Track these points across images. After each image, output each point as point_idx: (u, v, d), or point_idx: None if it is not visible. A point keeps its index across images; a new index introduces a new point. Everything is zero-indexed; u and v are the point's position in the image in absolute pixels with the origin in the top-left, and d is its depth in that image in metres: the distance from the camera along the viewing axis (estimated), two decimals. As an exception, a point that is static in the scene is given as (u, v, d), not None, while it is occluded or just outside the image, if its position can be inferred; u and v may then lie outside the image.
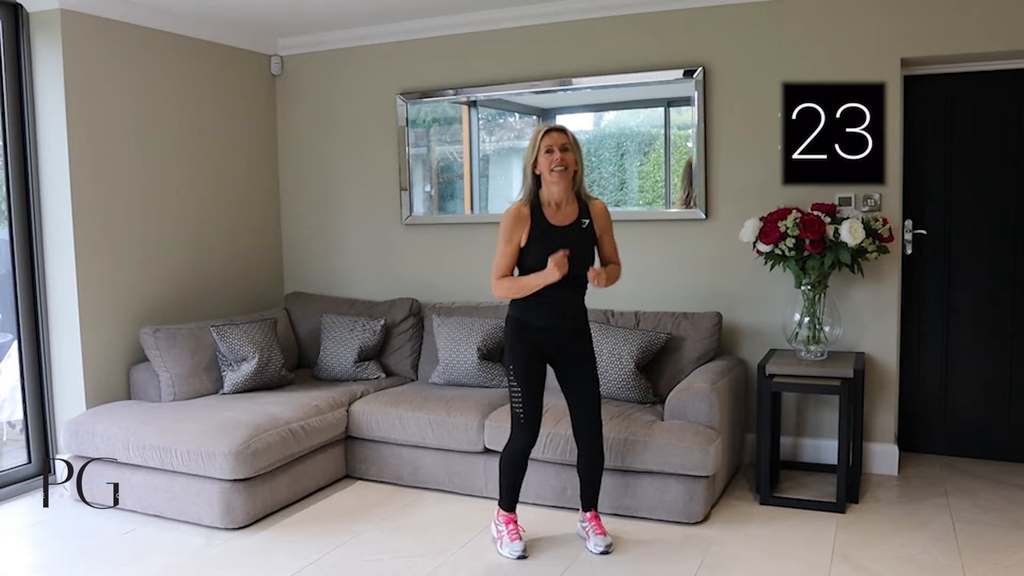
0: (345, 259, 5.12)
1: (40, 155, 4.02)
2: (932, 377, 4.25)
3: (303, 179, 5.20)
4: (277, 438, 3.62)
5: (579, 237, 3.12)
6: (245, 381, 4.17)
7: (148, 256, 4.38)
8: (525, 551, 3.21)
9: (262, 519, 3.61)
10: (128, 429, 3.67)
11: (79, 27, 4.00)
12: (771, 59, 4.07)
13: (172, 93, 4.51)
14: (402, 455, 3.99)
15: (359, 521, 3.60)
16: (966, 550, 3.16)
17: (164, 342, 4.08)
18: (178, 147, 4.55)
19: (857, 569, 3.03)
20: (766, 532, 3.39)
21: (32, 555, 3.39)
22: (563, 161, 3.05)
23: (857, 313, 4.04)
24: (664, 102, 4.38)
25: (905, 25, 3.86)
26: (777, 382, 3.66)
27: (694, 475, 3.40)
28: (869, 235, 3.71)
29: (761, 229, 3.78)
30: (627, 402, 3.85)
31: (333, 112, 5.07)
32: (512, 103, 4.72)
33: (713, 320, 4.04)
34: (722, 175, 4.21)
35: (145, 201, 4.37)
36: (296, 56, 5.11)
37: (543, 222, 3.11)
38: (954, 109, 4.08)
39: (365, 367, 4.47)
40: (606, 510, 3.54)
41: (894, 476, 4.02)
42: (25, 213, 4.04)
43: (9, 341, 4.25)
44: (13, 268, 4.05)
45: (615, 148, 4.51)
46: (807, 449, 4.19)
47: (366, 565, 3.17)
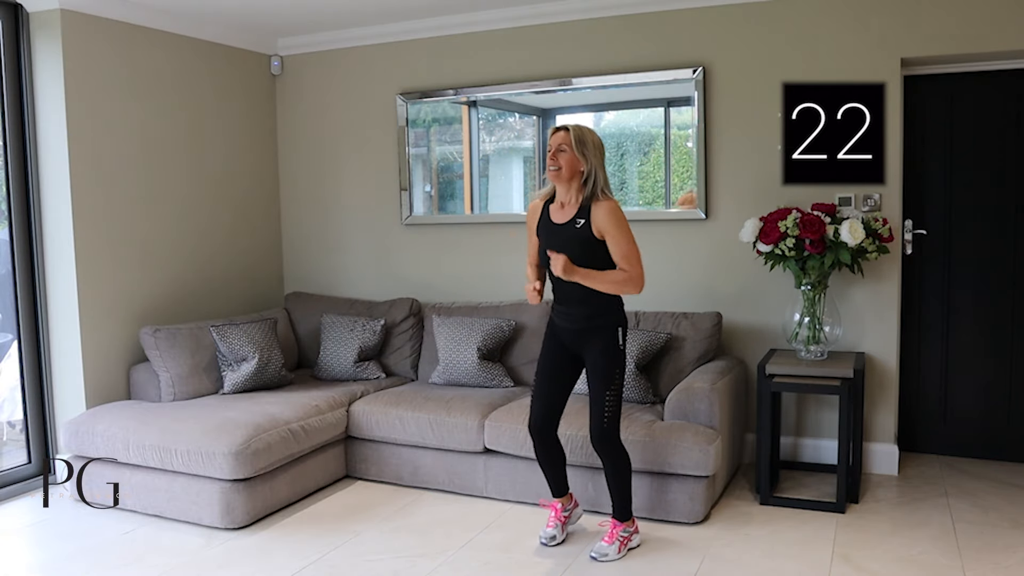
0: (345, 259, 5.12)
1: (40, 155, 4.02)
2: (932, 377, 4.25)
3: (303, 179, 5.20)
4: (277, 438, 3.62)
5: (571, 236, 3.09)
6: (245, 381, 4.17)
7: (148, 256, 4.38)
8: (552, 539, 3.30)
9: (262, 519, 3.61)
10: (128, 429, 3.67)
11: (79, 27, 4.00)
12: (771, 59, 4.07)
13: (172, 93, 4.51)
14: (402, 455, 3.99)
15: (359, 521, 3.60)
16: (966, 550, 3.16)
17: (164, 342, 4.08)
18: (178, 147, 4.55)
19: (857, 569, 3.03)
20: (766, 532, 3.39)
21: (32, 555, 3.39)
22: (557, 162, 3.05)
23: (857, 313, 4.04)
24: (664, 102, 4.38)
25: (905, 25, 3.86)
26: (777, 382, 3.66)
27: (694, 475, 3.41)
28: (869, 235, 3.71)
29: (761, 229, 3.78)
30: (627, 402, 3.84)
31: (333, 112, 5.07)
32: (512, 103, 4.72)
33: (713, 320, 4.04)
34: (722, 175, 4.21)
35: (145, 201, 4.37)
36: (296, 56, 5.12)
37: (546, 218, 3.19)
38: (954, 109, 4.08)
39: (365, 367, 4.47)
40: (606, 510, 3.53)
41: (894, 476, 4.02)
42: (25, 213, 4.04)
43: (9, 341, 4.25)
44: (13, 268, 4.05)
45: (615, 148, 4.51)
46: (807, 449, 4.19)
47: (366, 565, 3.17)
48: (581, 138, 3.03)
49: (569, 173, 3.06)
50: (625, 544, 3.21)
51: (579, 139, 3.03)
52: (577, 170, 3.05)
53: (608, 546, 3.19)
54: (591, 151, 3.04)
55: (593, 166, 3.04)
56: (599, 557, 3.17)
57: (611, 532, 3.21)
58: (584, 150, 3.03)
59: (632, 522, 3.25)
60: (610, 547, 3.18)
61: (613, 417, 3.14)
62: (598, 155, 3.07)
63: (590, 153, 3.04)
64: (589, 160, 3.04)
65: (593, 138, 3.07)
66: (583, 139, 3.03)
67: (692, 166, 4.26)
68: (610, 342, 3.12)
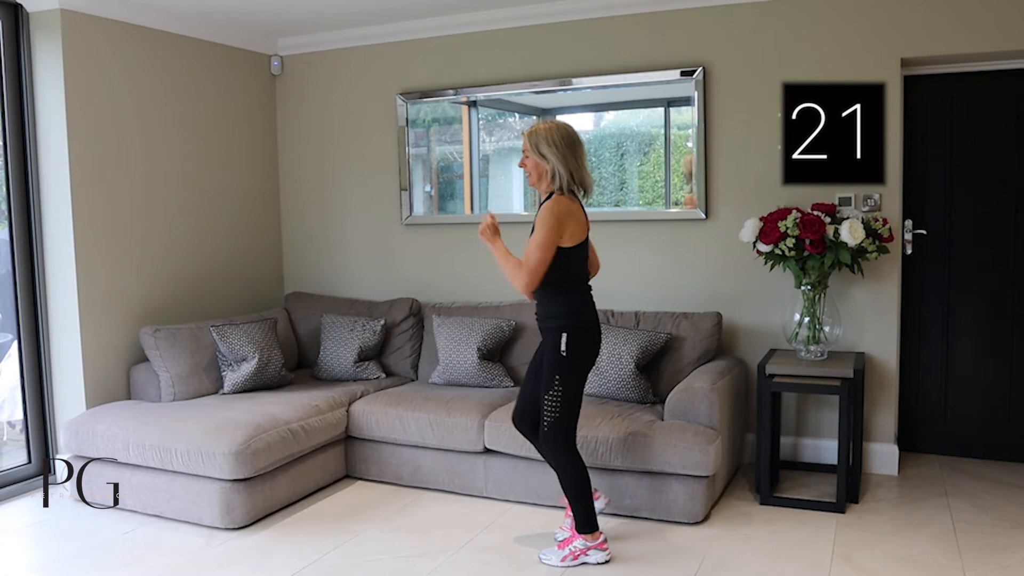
0: (345, 259, 5.12)
1: (40, 155, 4.02)
2: (932, 377, 4.25)
3: (303, 179, 5.20)
4: (277, 438, 3.62)
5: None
6: (245, 381, 4.17)
7: (148, 256, 4.38)
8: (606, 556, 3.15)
9: (262, 519, 3.61)
10: (128, 429, 3.67)
11: (79, 27, 4.00)
12: (771, 59, 4.07)
13: (172, 93, 4.51)
14: (402, 455, 3.99)
15: (359, 521, 3.60)
16: (966, 550, 3.16)
17: (164, 342, 4.08)
18: (178, 147, 4.55)
19: (857, 569, 3.03)
20: (766, 532, 3.39)
21: (32, 555, 3.39)
22: (526, 168, 3.12)
23: (857, 313, 4.04)
24: (664, 102, 4.38)
25: (905, 25, 3.86)
26: (777, 382, 3.66)
27: (694, 475, 3.40)
28: (869, 235, 3.71)
29: (761, 229, 3.78)
30: (627, 402, 3.85)
31: (333, 112, 5.07)
32: (512, 103, 4.72)
33: (713, 320, 4.04)
34: (722, 175, 4.21)
35: (145, 201, 4.37)
36: (296, 56, 5.12)
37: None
38: (954, 109, 4.08)
39: (365, 367, 4.47)
40: (605, 510, 3.54)
41: (894, 476, 4.02)
42: (25, 213, 4.04)
43: (9, 341, 4.25)
44: (13, 268, 4.05)
45: (615, 148, 4.51)
46: (807, 449, 4.19)
47: (366, 565, 3.17)
48: (536, 141, 3.05)
49: (536, 176, 3.09)
50: (577, 557, 3.10)
51: (534, 143, 3.06)
52: (543, 171, 3.06)
53: (557, 552, 3.14)
54: (548, 149, 3.02)
55: (553, 163, 3.03)
56: (542, 559, 3.16)
57: (567, 539, 3.16)
58: (541, 151, 3.04)
59: (596, 536, 3.11)
60: (557, 554, 3.13)
61: (554, 424, 3.06)
62: (558, 149, 3.03)
63: (548, 151, 3.02)
64: (549, 159, 3.03)
65: (550, 135, 3.04)
66: (537, 141, 3.05)
67: (692, 166, 4.26)
68: (555, 346, 3.06)
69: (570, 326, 3.05)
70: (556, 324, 3.07)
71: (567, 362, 3.05)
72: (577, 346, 3.05)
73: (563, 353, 3.04)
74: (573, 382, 3.08)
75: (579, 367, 3.09)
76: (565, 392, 3.06)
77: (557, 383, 3.05)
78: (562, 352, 3.04)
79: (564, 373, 3.05)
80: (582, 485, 3.10)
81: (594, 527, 3.11)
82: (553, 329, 3.07)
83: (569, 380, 3.06)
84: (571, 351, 3.04)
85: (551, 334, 3.08)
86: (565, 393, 3.06)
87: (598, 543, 3.12)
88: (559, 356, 3.05)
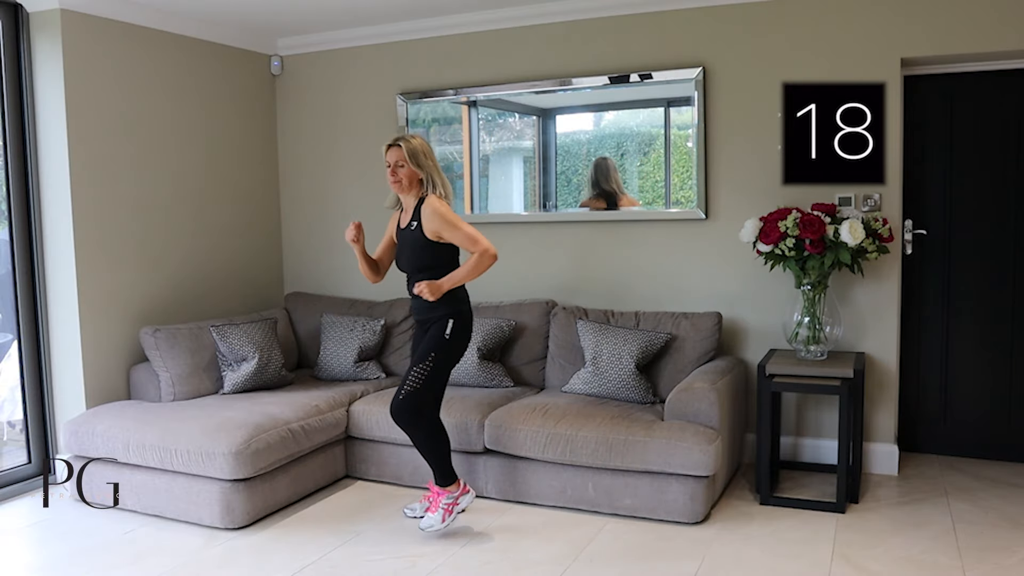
0: (345, 259, 5.11)
1: (40, 155, 4.02)
2: (932, 377, 4.25)
3: (303, 179, 5.20)
4: (277, 438, 3.62)
5: (411, 239, 3.41)
6: (245, 381, 4.17)
7: (148, 256, 4.38)
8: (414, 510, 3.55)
9: (262, 519, 3.61)
10: (128, 429, 3.67)
11: (79, 27, 4.00)
12: (771, 59, 4.07)
13: (172, 93, 4.51)
14: (402, 455, 3.99)
15: (359, 521, 3.60)
16: (966, 550, 3.16)
17: (164, 342, 4.08)
18: (178, 147, 4.55)
19: (857, 569, 3.03)
20: (766, 532, 3.39)
21: (32, 555, 3.39)
22: (397, 176, 3.39)
23: (857, 313, 4.04)
24: (664, 102, 4.38)
25: (905, 25, 3.86)
26: (777, 382, 3.66)
27: (694, 475, 3.41)
28: (869, 235, 3.71)
29: (761, 229, 3.78)
30: (627, 402, 3.85)
31: (333, 112, 5.07)
32: (512, 103, 4.72)
33: (713, 320, 4.04)
34: (722, 175, 4.21)
35: (145, 201, 4.37)
36: (296, 56, 5.11)
37: (397, 224, 3.54)
38: (954, 109, 4.08)
39: (365, 367, 4.47)
40: (605, 510, 3.55)
41: (894, 476, 4.02)
42: (25, 213, 4.04)
43: (9, 341, 4.25)
44: (13, 268, 4.05)
45: (615, 148, 4.51)
46: (807, 449, 4.19)
47: (366, 565, 3.17)
48: (413, 151, 3.36)
49: (409, 184, 3.40)
50: (450, 511, 3.36)
51: (411, 153, 3.36)
52: (416, 179, 3.39)
53: (432, 516, 3.36)
54: (423, 159, 3.37)
55: (428, 172, 3.38)
56: (425, 528, 3.36)
57: (434, 501, 3.39)
58: (418, 161, 3.36)
59: (457, 485, 3.40)
60: (434, 516, 3.36)
61: (411, 393, 3.33)
62: (429, 159, 3.39)
63: (424, 161, 3.37)
64: (424, 168, 3.37)
65: (423, 147, 3.39)
66: (415, 152, 3.36)
67: (692, 166, 4.26)
68: (440, 331, 3.36)
69: (457, 312, 3.39)
70: (441, 313, 3.37)
71: (447, 345, 3.37)
72: (459, 335, 3.39)
73: (446, 337, 3.36)
74: (444, 364, 3.39)
75: (455, 352, 3.41)
76: (434, 369, 3.36)
77: (431, 359, 3.35)
78: (446, 336, 3.36)
79: (439, 352, 3.36)
80: (437, 441, 3.39)
81: (453, 478, 3.40)
82: (440, 319, 3.37)
83: (441, 360, 3.37)
84: (453, 337, 3.37)
85: (436, 324, 3.38)
86: (434, 369, 3.36)
87: (461, 489, 3.41)
88: (442, 339, 3.36)
